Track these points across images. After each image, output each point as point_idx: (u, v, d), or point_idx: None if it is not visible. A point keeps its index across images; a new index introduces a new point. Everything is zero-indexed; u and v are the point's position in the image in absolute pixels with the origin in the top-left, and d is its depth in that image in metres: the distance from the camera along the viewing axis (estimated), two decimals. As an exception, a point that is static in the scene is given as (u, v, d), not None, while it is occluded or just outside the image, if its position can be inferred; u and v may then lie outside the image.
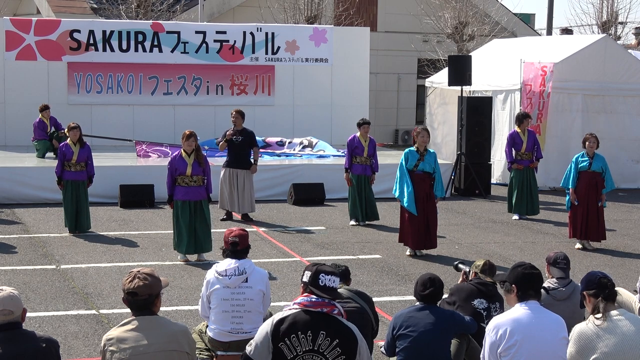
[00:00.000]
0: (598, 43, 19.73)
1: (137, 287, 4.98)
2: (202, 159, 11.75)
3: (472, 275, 7.34)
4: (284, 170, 17.58)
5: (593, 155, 13.02)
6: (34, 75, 20.58)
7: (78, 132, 13.43)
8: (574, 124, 19.17)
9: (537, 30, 34.27)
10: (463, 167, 18.49)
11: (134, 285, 4.99)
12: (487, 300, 7.05)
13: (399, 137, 30.05)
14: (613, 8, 30.13)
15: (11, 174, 16.30)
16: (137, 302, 5.02)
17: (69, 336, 8.32)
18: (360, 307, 6.58)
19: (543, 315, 5.44)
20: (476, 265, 7.36)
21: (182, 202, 11.66)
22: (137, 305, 5.03)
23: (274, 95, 22.22)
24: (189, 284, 10.37)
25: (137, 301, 5.01)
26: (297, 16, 26.70)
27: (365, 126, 14.68)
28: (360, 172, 14.59)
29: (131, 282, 5.00)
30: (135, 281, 4.99)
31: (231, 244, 6.84)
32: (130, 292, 4.99)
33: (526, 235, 14.04)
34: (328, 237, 13.46)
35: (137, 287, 4.98)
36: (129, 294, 5.00)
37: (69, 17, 23.94)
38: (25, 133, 19.08)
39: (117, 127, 20.87)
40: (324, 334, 4.82)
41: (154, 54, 21.27)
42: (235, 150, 14.49)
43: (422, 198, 11.99)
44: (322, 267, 4.99)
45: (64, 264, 11.33)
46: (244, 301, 6.74)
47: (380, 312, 8.19)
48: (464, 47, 27.40)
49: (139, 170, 17.03)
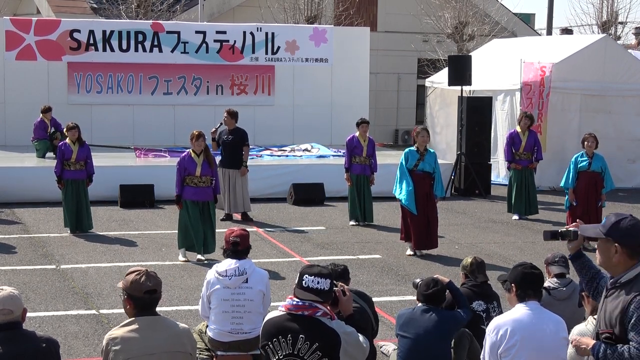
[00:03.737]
0: (598, 43, 19.73)
1: (154, 284, 4.96)
2: (211, 159, 11.78)
3: (462, 278, 7.33)
4: (284, 170, 17.58)
5: (592, 155, 13.03)
6: (34, 75, 20.57)
7: (77, 131, 13.44)
8: (571, 123, 19.17)
9: (537, 30, 34.27)
10: (463, 167, 18.50)
11: (152, 283, 4.94)
12: (485, 301, 7.05)
13: (399, 137, 30.04)
14: (613, 8, 30.12)
15: (11, 174, 16.31)
16: (152, 300, 4.97)
17: (69, 336, 8.32)
18: (360, 307, 6.58)
19: (543, 316, 5.44)
20: (464, 266, 7.35)
21: (191, 202, 11.66)
22: (151, 304, 4.98)
23: (274, 95, 22.22)
24: (189, 284, 10.38)
25: (152, 299, 4.97)
26: (297, 16, 26.69)
27: (364, 125, 14.68)
28: (359, 172, 14.59)
29: (148, 280, 4.94)
30: (151, 279, 4.96)
31: (232, 244, 6.85)
32: (149, 290, 4.93)
33: (526, 235, 14.04)
34: (328, 237, 13.47)
35: (155, 284, 4.96)
36: (147, 292, 4.93)
37: (69, 17, 23.92)
38: (25, 133, 19.07)
39: (117, 127, 20.86)
40: (303, 337, 4.83)
41: (154, 54, 21.26)
42: (226, 150, 14.50)
43: (422, 198, 12.00)
44: (307, 269, 5.00)
45: (64, 264, 11.34)
46: (244, 302, 6.75)
47: (380, 312, 8.20)
48: (464, 47, 27.39)
49: (139, 170, 17.04)
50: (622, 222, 4.39)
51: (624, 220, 4.39)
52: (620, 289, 4.33)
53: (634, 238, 4.36)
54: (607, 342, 4.27)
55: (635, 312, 4.19)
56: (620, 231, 4.36)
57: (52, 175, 13.65)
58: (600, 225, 4.47)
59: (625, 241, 4.35)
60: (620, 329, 4.26)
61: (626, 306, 4.23)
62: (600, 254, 4.47)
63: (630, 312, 4.21)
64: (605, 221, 4.46)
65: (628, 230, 4.36)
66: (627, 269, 4.33)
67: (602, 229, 4.43)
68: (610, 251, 4.38)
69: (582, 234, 4.67)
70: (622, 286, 4.32)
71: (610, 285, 4.42)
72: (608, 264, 4.43)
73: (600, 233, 4.44)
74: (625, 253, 4.34)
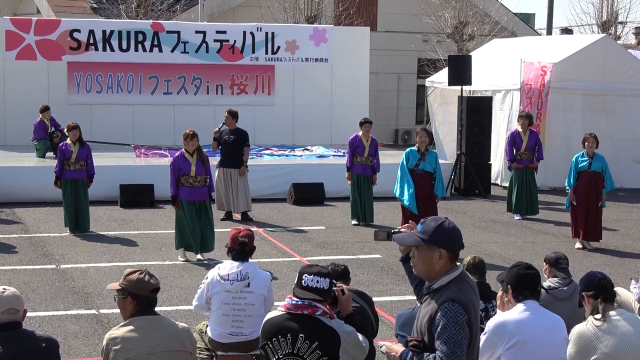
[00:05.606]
0: (598, 43, 19.72)
1: (157, 282, 4.99)
2: (205, 158, 11.76)
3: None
4: (284, 170, 17.58)
5: (593, 155, 13.03)
6: (34, 75, 20.57)
7: (77, 132, 13.45)
8: (575, 123, 19.16)
9: (537, 30, 34.26)
10: (463, 167, 18.50)
11: (154, 281, 4.97)
12: (484, 301, 7.04)
13: (399, 137, 30.04)
14: (613, 8, 30.11)
15: (11, 174, 16.31)
16: (155, 299, 5.00)
17: (69, 336, 8.32)
18: (360, 307, 6.57)
19: (543, 316, 5.43)
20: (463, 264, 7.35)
21: (187, 202, 11.65)
22: (153, 302, 5.00)
23: (274, 95, 22.22)
24: (189, 284, 10.37)
25: (154, 299, 5.00)
26: (297, 16, 26.69)
27: (367, 125, 14.68)
28: (360, 172, 14.59)
29: (151, 278, 4.97)
30: (153, 278, 4.99)
31: (240, 244, 6.79)
32: (154, 289, 4.97)
33: (526, 235, 14.04)
34: (328, 237, 13.46)
35: (157, 283, 4.99)
36: (153, 291, 4.96)
37: (69, 16, 23.92)
38: (25, 133, 19.08)
39: (117, 127, 20.86)
40: (303, 337, 4.83)
41: (154, 54, 21.26)
42: (227, 150, 14.51)
43: (422, 198, 11.99)
44: (307, 269, 5.02)
45: (64, 264, 11.34)
46: (245, 306, 6.72)
47: (380, 312, 8.19)
48: (464, 47, 27.39)
49: (139, 170, 17.04)
50: (444, 226, 4.21)
51: (444, 224, 4.22)
52: (432, 295, 4.20)
53: (457, 241, 4.24)
54: (414, 350, 4.16)
55: (441, 320, 4.07)
56: (445, 236, 4.20)
57: (52, 175, 13.65)
58: (418, 232, 4.26)
59: (450, 245, 4.20)
60: (429, 336, 4.14)
61: (434, 314, 4.11)
62: (420, 263, 4.26)
63: (437, 320, 4.09)
64: (422, 227, 4.25)
65: (451, 233, 4.22)
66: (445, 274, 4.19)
67: (422, 235, 4.22)
68: (434, 258, 4.19)
69: (400, 244, 4.45)
70: (434, 292, 4.19)
71: (425, 291, 4.28)
72: (430, 271, 4.23)
73: (419, 240, 4.23)
74: (448, 258, 4.20)
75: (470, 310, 4.14)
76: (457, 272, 4.23)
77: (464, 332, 4.09)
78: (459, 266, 4.26)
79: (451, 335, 4.06)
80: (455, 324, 4.07)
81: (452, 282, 4.20)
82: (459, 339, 4.07)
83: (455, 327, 4.07)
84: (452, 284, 4.19)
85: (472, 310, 4.16)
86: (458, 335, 4.07)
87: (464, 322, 4.09)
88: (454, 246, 4.23)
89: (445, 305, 4.09)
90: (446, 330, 4.07)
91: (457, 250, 4.25)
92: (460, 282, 4.21)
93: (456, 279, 4.21)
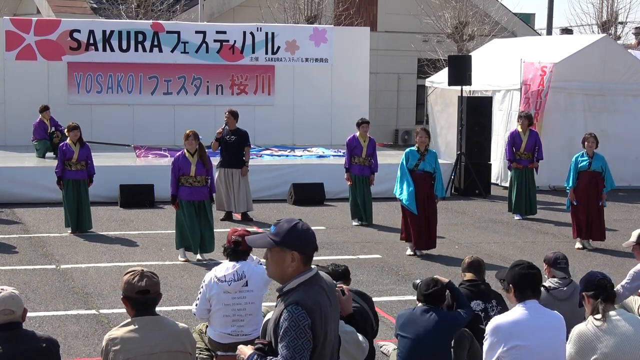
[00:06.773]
0: (598, 43, 19.72)
1: (148, 284, 4.95)
2: (205, 158, 11.75)
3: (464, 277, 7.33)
4: (284, 170, 17.58)
5: (593, 155, 13.03)
6: (34, 75, 20.57)
7: (78, 132, 13.47)
8: (577, 123, 19.14)
9: (537, 30, 34.27)
10: (463, 167, 18.50)
11: (145, 283, 4.94)
12: (483, 301, 7.04)
13: (399, 137, 30.04)
14: (613, 8, 30.12)
15: (11, 174, 16.31)
16: (147, 300, 4.96)
17: (69, 336, 8.32)
18: (360, 307, 6.58)
19: (543, 316, 5.43)
20: (463, 264, 7.37)
21: (187, 202, 11.65)
22: (146, 304, 4.96)
23: (273, 95, 22.22)
24: (189, 284, 10.38)
25: (147, 299, 4.95)
26: (297, 16, 26.69)
27: (364, 125, 14.69)
28: (358, 172, 14.60)
29: (141, 280, 4.94)
30: (145, 279, 4.95)
31: (233, 243, 6.82)
32: (141, 291, 4.92)
33: (526, 235, 14.04)
34: (328, 237, 13.46)
35: (148, 285, 4.95)
36: (139, 292, 4.92)
37: (69, 17, 23.92)
38: (25, 133, 19.07)
39: (117, 127, 20.86)
40: None
41: (154, 54, 21.26)
42: (228, 150, 14.51)
43: (422, 198, 12.00)
44: None
45: (64, 264, 11.34)
46: (245, 305, 6.73)
47: (380, 312, 8.19)
48: (464, 47, 27.39)
49: (139, 170, 17.04)
50: (297, 228, 4.10)
51: (298, 225, 4.11)
52: (282, 298, 4.10)
53: (310, 243, 4.13)
54: (259, 354, 4.08)
55: (284, 323, 3.97)
56: (298, 238, 4.09)
57: (52, 175, 13.66)
58: (270, 233, 4.12)
59: (303, 247, 4.10)
60: (275, 339, 4.05)
61: (278, 317, 4.03)
62: (272, 265, 4.14)
63: (280, 322, 4.00)
64: (275, 229, 4.13)
65: (304, 235, 4.11)
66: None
67: (274, 237, 4.10)
68: (286, 260, 4.07)
69: (252, 246, 4.36)
70: (284, 295, 4.10)
71: (277, 293, 4.18)
72: (283, 274, 4.12)
73: (271, 242, 4.10)
74: (301, 260, 4.09)
75: (315, 315, 4.00)
76: (308, 275, 4.11)
77: (306, 337, 3.96)
78: (312, 269, 4.15)
79: (292, 340, 3.95)
80: (296, 328, 3.96)
81: (301, 285, 4.07)
82: (300, 343, 3.95)
83: (296, 332, 3.96)
84: (301, 287, 4.07)
85: (318, 315, 4.02)
86: (299, 340, 3.95)
87: (306, 326, 3.96)
88: (306, 248, 4.11)
89: (289, 309, 3.99)
90: (287, 334, 3.96)
91: (310, 252, 4.13)
92: (310, 286, 4.09)
93: (306, 282, 4.08)
